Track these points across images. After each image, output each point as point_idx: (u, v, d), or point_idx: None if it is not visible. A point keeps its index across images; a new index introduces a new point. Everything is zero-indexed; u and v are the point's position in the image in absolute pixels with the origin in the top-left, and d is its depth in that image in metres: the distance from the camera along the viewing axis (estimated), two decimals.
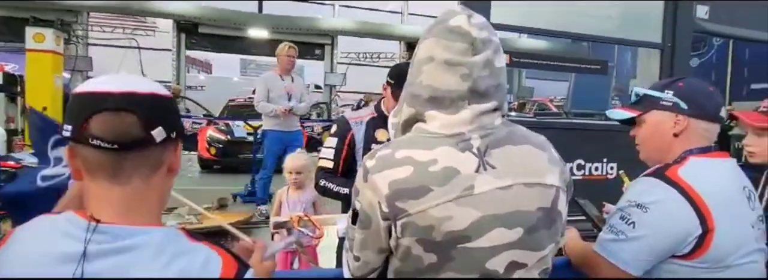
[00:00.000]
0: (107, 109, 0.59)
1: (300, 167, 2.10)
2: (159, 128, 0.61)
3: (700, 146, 1.00)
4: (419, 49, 0.79)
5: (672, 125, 1.00)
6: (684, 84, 1.03)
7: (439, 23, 0.77)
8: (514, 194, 0.73)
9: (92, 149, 0.59)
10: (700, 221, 0.90)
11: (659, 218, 0.91)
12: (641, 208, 0.92)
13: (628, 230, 0.92)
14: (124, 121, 0.59)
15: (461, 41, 0.74)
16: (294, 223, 1.22)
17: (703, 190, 0.92)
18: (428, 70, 0.76)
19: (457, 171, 0.71)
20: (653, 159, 1.06)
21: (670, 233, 0.91)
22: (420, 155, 0.73)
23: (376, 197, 0.72)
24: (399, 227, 0.72)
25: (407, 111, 0.80)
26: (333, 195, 1.64)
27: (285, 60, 3.87)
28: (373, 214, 0.73)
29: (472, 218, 0.70)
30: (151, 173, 0.63)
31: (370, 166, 0.75)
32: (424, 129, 0.77)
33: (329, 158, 1.66)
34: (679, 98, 1.00)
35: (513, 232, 0.72)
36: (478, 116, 0.75)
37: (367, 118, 1.69)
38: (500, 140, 0.76)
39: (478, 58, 0.73)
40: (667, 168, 0.98)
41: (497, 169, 0.73)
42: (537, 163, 0.78)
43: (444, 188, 0.70)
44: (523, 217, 0.73)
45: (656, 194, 0.93)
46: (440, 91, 0.75)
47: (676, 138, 1.00)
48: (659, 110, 1.02)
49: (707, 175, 0.97)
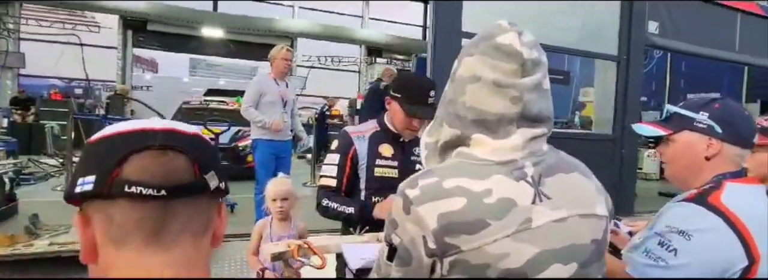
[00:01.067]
0: (150, 147, 0.46)
1: (286, 193, 1.78)
2: (212, 173, 0.49)
3: (732, 170, 0.97)
4: (461, 65, 0.72)
5: (704, 148, 0.97)
6: (720, 106, 0.98)
7: (485, 39, 0.70)
8: (569, 227, 0.67)
9: (127, 201, 0.44)
10: (745, 251, 0.85)
11: (703, 247, 0.86)
12: (684, 235, 0.87)
13: (669, 257, 0.87)
14: (173, 162, 0.46)
15: (511, 62, 0.67)
16: (294, 252, 1.09)
17: (748, 218, 0.87)
18: (473, 91, 0.69)
19: (514, 202, 0.65)
20: (679, 179, 1.03)
21: (714, 264, 0.86)
22: (472, 184, 0.65)
23: (421, 231, 0.64)
24: (446, 265, 0.64)
25: (449, 132, 0.72)
26: (334, 215, 1.52)
27: (282, 64, 3.51)
28: (415, 250, 0.65)
29: (529, 255, 0.64)
30: (202, 232, 0.49)
31: (413, 196, 0.66)
32: (470, 155, 0.69)
33: (331, 176, 1.53)
34: (715, 121, 0.96)
35: (569, 267, 0.67)
36: (528, 142, 0.69)
37: (370, 133, 1.58)
38: (552, 167, 0.70)
39: (528, 81, 0.67)
40: (708, 194, 0.92)
41: (552, 199, 0.67)
42: (587, 192, 0.73)
43: (502, 222, 0.63)
44: (578, 251, 0.68)
45: (700, 222, 0.88)
46: (488, 113, 0.68)
47: (708, 161, 0.97)
48: (692, 131, 0.98)
49: (749, 202, 0.92)
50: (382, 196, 1.52)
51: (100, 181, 0.44)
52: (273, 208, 1.79)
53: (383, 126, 1.58)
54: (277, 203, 1.77)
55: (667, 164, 1.05)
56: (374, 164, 1.53)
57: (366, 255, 1.07)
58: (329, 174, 1.53)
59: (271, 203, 1.79)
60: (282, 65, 3.50)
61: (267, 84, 3.52)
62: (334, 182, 1.52)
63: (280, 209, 1.76)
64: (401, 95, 1.48)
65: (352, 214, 1.46)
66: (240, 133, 6.52)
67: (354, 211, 1.46)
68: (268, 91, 3.49)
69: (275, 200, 1.78)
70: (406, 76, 1.81)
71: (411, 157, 1.58)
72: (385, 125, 1.58)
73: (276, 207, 1.78)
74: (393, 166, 1.54)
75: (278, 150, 3.57)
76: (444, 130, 0.73)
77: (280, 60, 3.49)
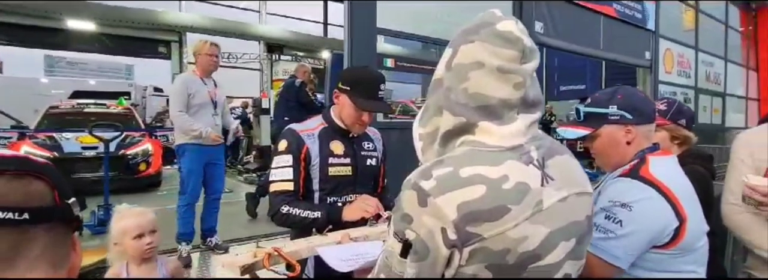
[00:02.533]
0: (4, 172, 0.44)
1: (153, 223, 1.43)
2: (74, 200, 0.48)
3: (648, 145, 1.12)
4: (459, 53, 0.71)
5: (624, 135, 1.11)
6: (622, 96, 1.12)
7: (484, 26, 0.70)
8: (570, 206, 0.71)
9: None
10: (675, 213, 1.00)
11: (643, 215, 0.99)
12: (626, 207, 0.99)
13: (617, 228, 0.98)
14: (32, 185, 0.45)
15: (512, 48, 0.68)
16: (264, 262, 0.99)
17: (672, 185, 1.03)
18: (477, 77, 0.69)
19: (528, 186, 0.66)
20: (611, 165, 1.17)
21: (654, 227, 0.99)
22: (489, 171, 0.65)
23: (440, 223, 0.63)
24: (466, 254, 0.64)
25: (453, 120, 0.71)
26: (297, 222, 1.40)
27: (207, 60, 3.12)
28: (433, 243, 0.64)
29: (542, 236, 0.66)
30: (60, 263, 0.47)
31: (428, 187, 0.64)
32: (480, 142, 0.69)
33: (287, 179, 1.41)
34: (624, 110, 1.10)
35: (570, 243, 0.70)
36: (529, 127, 0.71)
37: (318, 130, 1.49)
38: (550, 150, 0.73)
39: (529, 67, 0.69)
40: (639, 168, 1.06)
41: (555, 180, 0.70)
42: (579, 172, 0.77)
43: (520, 207, 0.64)
44: (576, 227, 0.72)
45: (636, 194, 1.01)
46: (492, 99, 0.69)
47: (629, 145, 1.11)
48: (610, 124, 1.11)
49: (669, 171, 1.08)
50: (337, 196, 1.47)
51: None
52: (137, 247, 1.38)
53: (331, 122, 1.50)
54: (145, 238, 1.39)
55: (597, 156, 1.19)
56: (327, 162, 1.46)
57: (347, 256, 1.04)
58: (284, 178, 1.41)
59: (134, 242, 1.38)
60: (207, 62, 3.13)
61: (193, 84, 3.10)
62: (292, 185, 1.41)
63: (150, 247, 1.40)
64: (351, 88, 1.42)
65: (319, 218, 1.37)
66: (128, 140, 5.78)
67: (320, 215, 1.38)
68: (196, 92, 3.08)
69: (142, 236, 1.39)
70: (355, 69, 1.73)
71: (361, 152, 1.54)
72: (332, 121, 1.50)
73: (143, 245, 1.38)
74: (346, 163, 1.49)
75: (209, 157, 3.19)
76: (445, 119, 0.72)
77: (205, 56, 3.11)
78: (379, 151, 1.62)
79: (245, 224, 4.13)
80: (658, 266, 1.04)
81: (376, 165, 1.59)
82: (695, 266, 1.07)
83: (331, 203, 1.47)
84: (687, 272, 1.06)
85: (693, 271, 1.07)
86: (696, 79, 7.18)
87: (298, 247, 1.13)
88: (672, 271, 1.04)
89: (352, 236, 1.19)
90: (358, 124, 1.48)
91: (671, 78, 6.55)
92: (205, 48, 3.12)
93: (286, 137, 1.46)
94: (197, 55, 3.18)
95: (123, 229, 1.40)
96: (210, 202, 3.32)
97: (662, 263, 1.03)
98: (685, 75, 6.94)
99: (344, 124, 1.50)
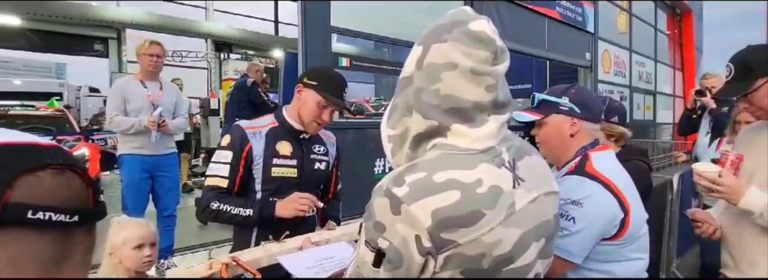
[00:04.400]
0: (48, 165, 0.37)
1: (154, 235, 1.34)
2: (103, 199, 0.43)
3: (590, 142, 1.18)
4: (430, 52, 0.68)
5: (569, 126, 1.16)
6: (576, 91, 1.18)
7: (456, 26, 0.67)
8: (539, 206, 0.71)
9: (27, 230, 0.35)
10: (620, 206, 1.05)
11: (593, 210, 1.03)
12: (576, 204, 1.03)
13: (569, 225, 1.02)
14: (72, 183, 0.39)
15: (485, 49, 0.66)
16: (222, 273, 0.93)
17: (614, 179, 1.08)
18: (450, 79, 0.66)
19: (501, 189, 0.65)
20: (553, 155, 1.22)
21: (603, 220, 1.04)
22: (463, 175, 0.63)
23: (414, 230, 0.61)
24: (440, 261, 0.62)
25: (425, 123, 0.69)
26: (227, 219, 1.36)
27: (146, 61, 2.85)
28: (406, 251, 0.62)
29: (515, 238, 0.65)
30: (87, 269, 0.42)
31: (401, 194, 0.62)
32: (453, 145, 0.68)
33: (223, 176, 1.37)
34: (574, 104, 1.15)
35: (540, 243, 0.70)
36: (500, 128, 0.70)
37: (267, 129, 1.44)
38: (519, 150, 0.73)
39: (500, 68, 0.68)
40: (584, 166, 1.11)
41: (526, 182, 0.70)
42: (546, 171, 0.77)
43: (494, 210, 0.63)
44: (545, 227, 0.72)
45: (585, 190, 1.05)
46: (464, 101, 0.67)
47: (572, 138, 1.16)
48: (558, 114, 1.17)
49: (610, 165, 1.14)
50: (279, 197, 1.42)
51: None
52: (136, 259, 1.27)
53: (282, 121, 1.45)
54: (145, 250, 1.28)
55: (541, 144, 1.24)
56: (271, 163, 1.41)
57: (311, 263, 1.01)
58: (220, 174, 1.37)
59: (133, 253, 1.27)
60: (147, 62, 2.86)
61: (130, 88, 2.85)
62: (226, 182, 1.37)
63: (148, 259, 1.30)
64: (319, 83, 1.38)
65: (250, 216, 1.32)
66: (64, 145, 5.34)
67: (252, 213, 1.33)
68: (132, 96, 2.83)
69: (142, 247, 1.27)
70: (322, 68, 1.69)
71: (310, 155, 1.50)
72: (284, 120, 1.45)
73: (142, 257, 1.27)
74: (292, 165, 1.44)
75: (154, 167, 2.89)
76: (415, 121, 0.70)
77: (144, 56, 2.85)
78: (331, 156, 1.58)
79: (195, 232, 3.93)
80: (607, 257, 1.09)
81: (325, 170, 1.55)
82: (640, 252, 1.14)
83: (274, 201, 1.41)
84: (634, 260, 1.12)
85: (639, 257, 1.13)
86: (630, 78, 7.72)
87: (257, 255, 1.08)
88: (620, 260, 1.10)
89: (314, 241, 1.16)
90: (317, 122, 1.44)
91: (609, 78, 6.99)
92: (145, 47, 2.87)
93: (230, 133, 1.42)
94: (138, 56, 2.93)
95: (124, 239, 1.30)
96: (161, 220, 2.97)
97: (611, 253, 1.09)
98: (621, 75, 7.44)
99: (299, 124, 1.45)
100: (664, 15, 9.42)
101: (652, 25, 8.74)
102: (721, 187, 1.25)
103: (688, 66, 10.34)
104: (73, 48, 10.37)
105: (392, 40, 3.85)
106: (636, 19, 7.97)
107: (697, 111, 3.44)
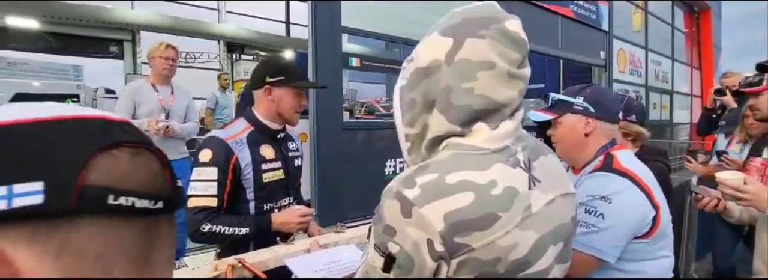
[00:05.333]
0: (123, 143, 0.32)
1: None
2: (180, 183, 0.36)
3: (608, 142, 1.16)
4: (467, 47, 0.63)
5: (583, 126, 1.14)
6: (592, 91, 1.17)
7: (493, 22, 0.63)
8: (556, 208, 0.68)
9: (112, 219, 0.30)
10: (650, 203, 1.04)
11: (623, 206, 1.01)
12: (605, 200, 1.01)
13: (598, 221, 0.99)
14: (150, 165, 0.33)
15: (518, 51, 0.63)
16: (228, 274, 0.92)
17: (642, 175, 1.07)
18: (486, 79, 0.63)
19: (517, 191, 0.62)
20: (568, 155, 1.20)
21: (634, 217, 1.02)
22: (477, 176, 0.60)
23: (426, 234, 0.58)
24: (454, 266, 0.59)
25: (444, 126, 0.65)
26: (222, 240, 1.29)
27: (161, 64, 2.77)
28: (418, 255, 0.59)
29: (532, 242, 0.62)
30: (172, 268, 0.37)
31: (412, 196, 0.58)
32: (465, 145, 0.64)
33: (211, 195, 1.26)
34: (589, 103, 1.14)
35: (557, 247, 0.67)
36: (516, 127, 0.68)
37: (245, 135, 1.36)
38: (534, 150, 0.70)
39: (528, 72, 0.66)
40: (610, 163, 1.10)
41: (542, 183, 0.67)
42: (562, 172, 0.75)
43: (510, 213, 0.60)
44: (563, 230, 0.69)
45: (615, 186, 1.03)
46: (497, 103, 0.64)
47: (587, 137, 1.15)
48: (573, 114, 1.15)
49: (636, 163, 1.12)
50: (272, 202, 1.38)
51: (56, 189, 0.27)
52: None
53: (256, 123, 1.39)
54: None
55: (557, 144, 1.21)
56: (260, 169, 1.35)
57: (318, 266, 0.99)
58: (206, 193, 1.26)
59: None
60: (161, 66, 2.78)
61: (142, 91, 2.77)
62: (216, 201, 1.26)
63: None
64: (285, 76, 1.35)
65: (248, 234, 1.26)
66: None
67: (250, 231, 1.26)
68: (143, 100, 2.75)
69: None
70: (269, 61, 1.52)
71: (289, 153, 1.48)
72: (259, 122, 1.39)
73: None
74: (278, 167, 1.41)
75: None
76: (437, 121, 0.66)
77: (159, 59, 2.77)
78: (300, 150, 1.57)
79: None
80: (639, 256, 1.07)
81: (300, 165, 1.54)
82: (667, 250, 1.12)
83: (262, 212, 1.37)
84: (662, 258, 1.11)
85: (665, 255, 1.12)
86: (646, 77, 7.57)
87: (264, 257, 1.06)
88: (650, 258, 1.09)
89: (322, 243, 1.14)
90: (297, 111, 1.42)
91: (624, 77, 6.86)
92: (160, 50, 2.79)
93: (210, 147, 1.29)
94: (151, 59, 2.86)
95: None
96: None
97: (643, 251, 1.07)
98: (636, 74, 7.30)
99: (277, 123, 1.42)
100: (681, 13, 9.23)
101: (669, 24, 8.56)
102: (746, 194, 1.22)
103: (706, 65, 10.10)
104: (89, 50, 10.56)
105: (403, 40, 3.82)
106: (652, 16, 7.81)
107: (716, 110, 3.35)
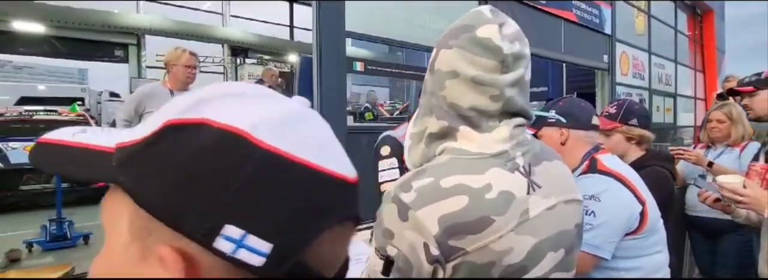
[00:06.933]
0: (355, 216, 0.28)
1: None
2: None
3: (590, 148, 1.21)
4: (439, 58, 0.68)
5: (558, 136, 1.21)
6: (563, 103, 1.26)
7: (465, 31, 0.66)
8: (557, 214, 0.68)
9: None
10: (636, 199, 1.09)
11: (611, 202, 1.07)
12: (594, 199, 1.06)
13: (591, 219, 1.04)
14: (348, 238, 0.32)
15: (490, 57, 0.64)
16: None
17: (625, 174, 1.13)
18: (452, 86, 0.66)
19: (513, 195, 0.63)
20: None
21: (623, 212, 1.07)
22: (471, 180, 0.61)
23: (422, 237, 0.59)
24: (450, 269, 0.60)
25: (437, 124, 0.69)
26: None
27: (184, 72, 2.76)
28: (415, 259, 0.60)
29: (529, 247, 0.63)
30: None
31: (408, 200, 0.60)
32: (461, 150, 0.66)
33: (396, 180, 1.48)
34: (560, 115, 1.22)
35: (558, 254, 0.67)
36: (514, 131, 0.68)
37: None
38: (537, 155, 0.70)
39: (509, 77, 0.65)
40: (594, 166, 1.16)
41: (543, 188, 0.67)
42: (567, 178, 0.75)
43: (505, 217, 0.61)
44: (565, 237, 0.69)
45: (601, 185, 1.09)
46: (467, 110, 0.66)
47: (564, 146, 1.20)
48: (548, 126, 1.24)
49: (618, 163, 1.19)
50: None
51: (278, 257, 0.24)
52: None
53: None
54: None
55: None
56: None
57: None
58: (393, 178, 1.50)
59: None
60: (184, 74, 2.77)
61: (157, 95, 2.73)
62: None
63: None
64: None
65: None
66: None
67: None
68: (158, 104, 2.69)
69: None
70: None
71: None
72: None
73: None
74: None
75: None
76: (431, 121, 0.70)
77: (182, 67, 2.76)
78: None
79: None
80: (633, 252, 1.10)
81: None
82: (660, 245, 1.16)
83: None
84: (655, 253, 1.15)
85: (659, 250, 1.16)
86: (649, 80, 7.55)
87: None
88: (645, 254, 1.12)
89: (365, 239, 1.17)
90: None
91: (627, 80, 6.86)
92: (183, 58, 2.78)
93: (387, 143, 1.57)
94: (171, 66, 2.84)
95: None
96: None
97: (635, 248, 1.10)
98: (639, 77, 7.29)
99: None
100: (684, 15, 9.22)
101: (672, 26, 8.56)
102: (744, 197, 1.26)
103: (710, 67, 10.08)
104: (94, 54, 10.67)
105: (407, 44, 3.85)
106: (655, 20, 7.81)
107: None
